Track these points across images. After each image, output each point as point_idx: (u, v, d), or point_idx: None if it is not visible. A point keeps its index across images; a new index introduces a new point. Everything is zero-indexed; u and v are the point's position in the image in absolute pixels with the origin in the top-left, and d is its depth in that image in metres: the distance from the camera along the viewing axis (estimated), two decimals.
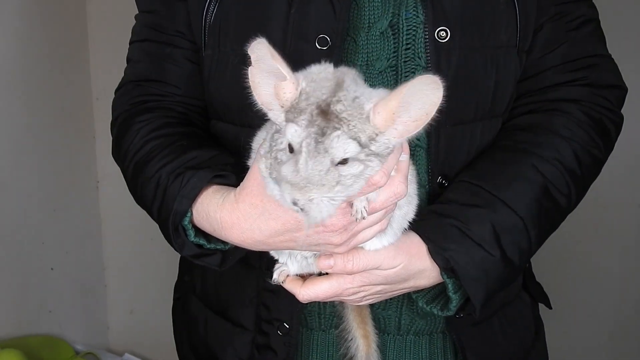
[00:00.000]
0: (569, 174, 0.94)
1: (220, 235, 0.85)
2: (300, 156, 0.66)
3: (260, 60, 0.68)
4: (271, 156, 0.70)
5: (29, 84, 2.02)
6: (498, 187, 0.91)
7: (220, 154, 0.92)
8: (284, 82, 0.68)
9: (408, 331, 1.00)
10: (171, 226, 0.87)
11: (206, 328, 1.08)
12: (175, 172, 0.88)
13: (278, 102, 0.69)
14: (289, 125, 0.67)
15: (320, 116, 0.66)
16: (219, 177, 0.86)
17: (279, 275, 0.88)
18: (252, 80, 0.70)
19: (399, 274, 0.86)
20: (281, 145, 0.69)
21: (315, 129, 0.66)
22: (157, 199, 0.90)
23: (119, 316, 2.45)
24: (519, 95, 1.01)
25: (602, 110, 0.99)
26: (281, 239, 0.80)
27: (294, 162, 0.66)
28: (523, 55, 0.98)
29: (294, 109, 0.68)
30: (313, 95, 0.68)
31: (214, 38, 0.96)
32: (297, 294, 0.86)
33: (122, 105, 1.04)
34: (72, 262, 2.25)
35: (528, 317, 1.12)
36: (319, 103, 0.67)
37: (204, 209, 0.85)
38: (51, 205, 2.14)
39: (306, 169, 0.65)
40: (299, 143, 0.66)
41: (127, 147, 0.98)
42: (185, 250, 0.88)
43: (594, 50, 1.01)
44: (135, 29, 1.07)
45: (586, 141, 0.96)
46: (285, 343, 0.97)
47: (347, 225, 0.76)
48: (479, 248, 0.87)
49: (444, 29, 0.90)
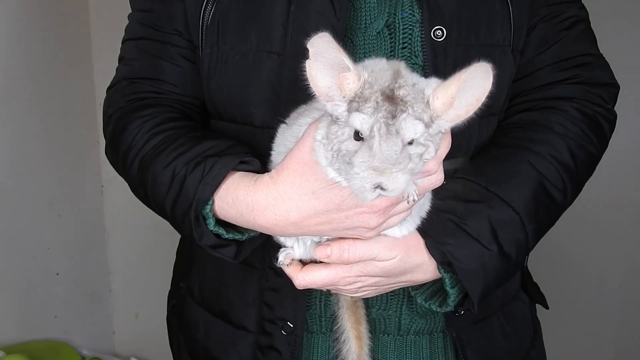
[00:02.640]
0: (564, 169, 0.95)
1: (248, 219, 0.83)
2: (373, 140, 0.68)
3: (319, 54, 0.70)
4: (331, 149, 0.72)
5: (33, 89, 2.03)
6: (495, 182, 0.91)
7: (236, 143, 0.91)
8: (348, 73, 0.69)
9: (408, 331, 1.00)
10: (192, 215, 0.86)
11: (206, 333, 1.07)
12: (195, 161, 0.87)
13: (340, 93, 0.71)
14: (355, 115, 0.69)
15: (386, 102, 0.69)
16: (243, 163, 0.86)
17: (285, 258, 0.89)
18: (310, 73, 0.71)
19: (396, 267, 0.86)
20: (343, 136, 0.71)
21: (383, 114, 0.68)
22: (172, 190, 0.88)
23: (124, 321, 2.45)
24: (514, 94, 1.03)
25: (596, 107, 1.00)
26: (318, 221, 0.79)
27: (368, 148, 0.68)
28: (517, 55, 0.99)
29: (358, 99, 0.70)
30: (376, 84, 0.70)
31: (212, 36, 0.96)
32: (294, 279, 0.86)
33: (116, 103, 1.02)
34: (77, 267, 2.25)
35: (527, 317, 1.12)
36: (382, 90, 0.70)
37: (231, 193, 0.84)
38: (56, 210, 2.15)
39: (382, 151, 0.67)
40: (369, 129, 0.68)
41: (130, 143, 0.96)
42: (204, 239, 0.87)
43: (586, 49, 1.03)
44: (130, 27, 1.06)
45: (580, 137, 0.97)
46: (289, 343, 0.97)
47: (387, 208, 0.77)
48: (476, 242, 0.88)
49: (440, 27, 0.90)
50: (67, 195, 2.18)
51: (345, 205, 0.77)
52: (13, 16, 1.96)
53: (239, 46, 0.94)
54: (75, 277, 2.25)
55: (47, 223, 2.12)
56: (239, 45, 0.94)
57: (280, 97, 0.91)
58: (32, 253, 2.06)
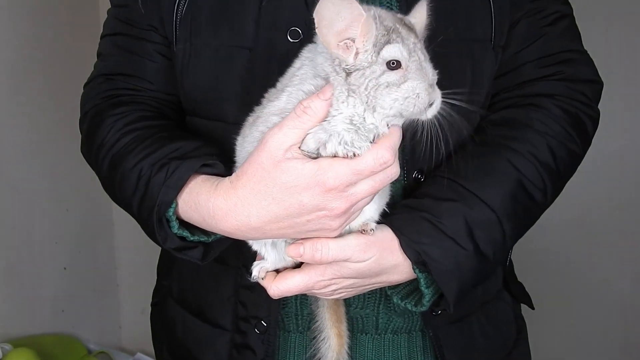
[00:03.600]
0: (544, 168, 0.93)
1: (210, 224, 0.83)
2: (419, 63, 0.75)
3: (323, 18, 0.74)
4: (366, 88, 0.75)
5: (40, 85, 2.04)
6: (471, 180, 0.90)
7: (204, 145, 0.90)
8: (365, 18, 0.73)
9: (386, 330, 0.99)
10: (155, 218, 0.85)
11: (184, 331, 1.06)
12: (159, 163, 0.86)
13: (363, 38, 0.75)
14: (389, 47, 0.75)
15: (406, 29, 0.76)
16: (206, 166, 0.85)
17: (259, 272, 0.87)
18: (326, 39, 0.75)
19: (371, 268, 0.84)
20: (375, 74, 0.75)
21: (412, 40, 0.76)
22: (138, 192, 0.88)
23: (131, 315, 2.46)
24: (496, 91, 1.01)
25: (578, 104, 0.98)
26: (279, 225, 0.79)
27: (418, 71, 0.75)
28: (499, 50, 0.98)
29: (383, 34, 0.75)
30: (385, 17, 0.76)
31: (185, 31, 0.95)
32: (269, 289, 0.85)
33: (92, 100, 1.01)
34: (84, 261, 2.27)
35: (509, 317, 1.10)
36: (398, 20, 0.77)
37: (193, 198, 0.83)
38: (63, 205, 2.16)
39: (429, 70, 0.76)
40: (408, 54, 0.75)
41: (101, 141, 0.95)
42: (168, 242, 0.86)
43: (570, 45, 1.01)
44: (107, 23, 1.05)
45: (562, 135, 0.96)
46: (263, 342, 0.96)
47: (348, 209, 0.77)
48: (452, 241, 0.86)
49: None
50: (76, 190, 2.19)
51: (306, 210, 0.76)
52: (25, 10, 1.97)
53: (210, 41, 0.93)
54: (83, 271, 2.26)
55: (56, 218, 2.13)
56: (210, 41, 0.93)
57: (252, 92, 0.89)
58: (40, 247, 2.07)
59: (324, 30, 0.74)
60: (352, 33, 0.74)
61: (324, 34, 0.74)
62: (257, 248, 0.88)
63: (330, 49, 0.75)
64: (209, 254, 0.89)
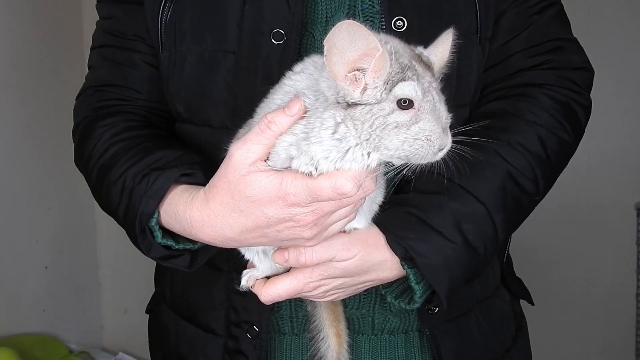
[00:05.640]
0: (534, 158, 0.92)
1: (190, 234, 0.84)
2: (433, 104, 0.72)
3: (339, 47, 0.70)
4: (370, 126, 0.72)
5: (23, 82, 2.02)
6: (458, 173, 0.86)
7: (186, 153, 0.90)
8: (380, 53, 0.70)
9: (382, 330, 0.98)
10: (138, 228, 0.86)
11: (177, 336, 1.06)
12: (141, 174, 0.87)
13: (375, 74, 0.71)
14: (404, 84, 0.71)
15: (422, 67, 0.73)
16: (186, 175, 0.86)
17: (248, 281, 0.88)
18: (333, 70, 0.71)
19: (357, 266, 0.84)
20: (384, 111, 0.71)
21: (427, 78, 0.72)
22: (122, 203, 0.89)
23: (113, 315, 2.45)
24: (486, 84, 1.00)
25: (569, 93, 0.97)
26: (252, 235, 0.80)
27: (431, 112, 0.71)
28: (486, 42, 0.97)
29: (397, 71, 0.72)
30: (402, 52, 0.73)
31: (170, 38, 0.95)
32: (259, 296, 0.85)
33: (82, 111, 1.03)
34: (66, 261, 2.25)
35: (507, 314, 1.09)
36: (414, 57, 0.74)
37: (172, 208, 0.84)
38: (45, 203, 2.14)
39: (443, 112, 0.73)
40: (422, 93, 0.71)
41: (90, 152, 0.96)
42: (153, 252, 0.87)
43: (558, 33, 1.00)
44: (95, 35, 1.06)
45: (552, 124, 0.94)
46: (255, 347, 0.96)
47: (317, 220, 0.77)
48: (439, 235, 0.85)
49: (401, 18, 0.89)
50: (58, 189, 2.18)
51: (272, 222, 0.77)
52: (4, 11, 1.95)
53: (194, 47, 0.93)
54: (64, 271, 2.24)
55: (37, 216, 2.11)
56: (194, 46, 0.93)
57: (237, 97, 0.90)
58: (21, 246, 2.05)
59: (333, 58, 0.70)
60: (363, 65, 0.71)
61: (333, 62, 0.70)
62: (250, 257, 0.89)
63: (337, 80, 0.72)
64: (196, 261, 0.90)
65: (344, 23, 0.67)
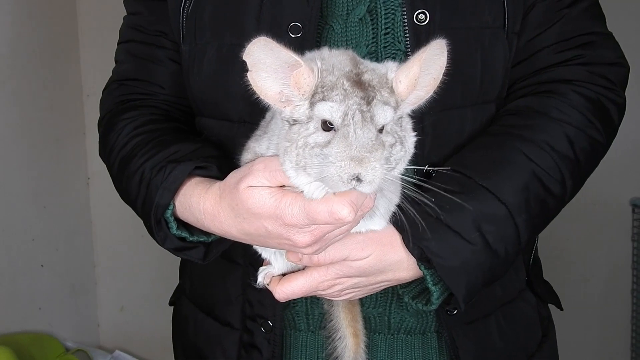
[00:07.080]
0: (561, 158, 0.88)
1: (204, 225, 0.85)
2: (348, 128, 0.66)
3: (259, 62, 0.68)
4: (296, 147, 0.70)
5: (19, 80, 2.01)
6: (481, 172, 0.85)
7: (202, 146, 0.92)
8: (301, 69, 0.68)
9: (398, 330, 0.97)
10: (153, 219, 0.87)
11: (195, 329, 1.07)
12: (158, 166, 0.89)
13: (298, 92, 0.69)
14: (322, 105, 0.68)
15: (355, 87, 0.68)
16: (200, 168, 0.87)
17: (264, 278, 0.89)
18: (256, 85, 0.70)
19: (372, 265, 0.83)
20: (308, 131, 0.69)
21: (355, 100, 0.67)
22: (140, 194, 0.91)
23: (109, 313, 2.44)
24: (514, 80, 0.96)
25: (600, 89, 0.93)
26: (256, 240, 0.82)
27: (343, 137, 0.66)
28: (514, 37, 0.93)
29: (320, 89, 0.69)
30: (335, 71, 0.69)
31: (190, 32, 0.97)
32: (274, 293, 0.86)
33: (107, 105, 1.06)
34: (62, 259, 2.24)
35: (532, 319, 1.04)
36: (348, 75, 0.68)
37: (187, 200, 0.86)
38: (41, 202, 2.14)
39: (360, 139, 0.66)
40: (341, 117, 0.67)
41: (112, 144, 0.99)
42: (167, 243, 0.89)
43: (590, 27, 0.95)
44: (121, 30, 1.09)
45: (581, 123, 0.90)
46: (269, 341, 0.96)
47: (315, 240, 0.77)
48: (457, 236, 0.82)
49: (423, 11, 0.87)
50: (53, 187, 2.17)
51: (272, 235, 0.78)
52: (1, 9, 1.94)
53: (213, 41, 0.94)
54: (60, 269, 2.24)
55: (33, 214, 2.11)
56: (214, 41, 0.94)
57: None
58: (17, 244, 2.04)
59: (253, 74, 0.69)
60: (287, 84, 0.70)
61: (261, 78, 0.69)
62: (266, 256, 0.90)
63: (264, 97, 0.70)
64: (210, 253, 0.91)
65: (260, 39, 0.67)
